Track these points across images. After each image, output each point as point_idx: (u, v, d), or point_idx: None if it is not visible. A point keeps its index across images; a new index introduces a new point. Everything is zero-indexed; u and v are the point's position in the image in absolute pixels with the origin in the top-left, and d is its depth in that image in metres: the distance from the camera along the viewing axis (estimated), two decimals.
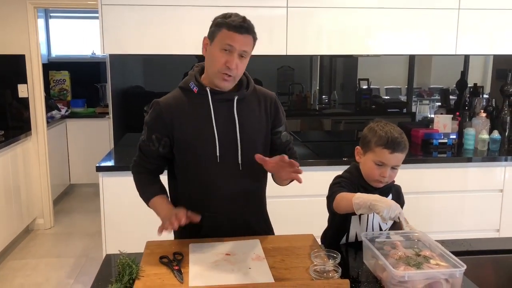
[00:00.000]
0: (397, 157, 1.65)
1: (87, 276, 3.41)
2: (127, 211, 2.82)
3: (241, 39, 1.56)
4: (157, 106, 1.67)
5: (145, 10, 2.96)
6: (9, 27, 3.98)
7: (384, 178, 1.66)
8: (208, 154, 1.65)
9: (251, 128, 1.69)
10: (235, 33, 1.55)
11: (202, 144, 1.65)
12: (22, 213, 4.04)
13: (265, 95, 1.75)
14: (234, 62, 1.57)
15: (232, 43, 1.56)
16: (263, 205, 1.85)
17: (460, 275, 1.32)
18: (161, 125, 1.66)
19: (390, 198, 1.74)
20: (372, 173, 1.68)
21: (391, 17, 3.17)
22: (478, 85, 3.79)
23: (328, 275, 1.37)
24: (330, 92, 3.78)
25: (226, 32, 1.56)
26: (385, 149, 1.64)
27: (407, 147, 1.67)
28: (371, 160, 1.67)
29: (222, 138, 1.65)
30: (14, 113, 4.13)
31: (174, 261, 1.47)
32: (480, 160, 3.15)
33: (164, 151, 1.70)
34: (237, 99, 1.67)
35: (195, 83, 1.67)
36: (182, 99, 1.68)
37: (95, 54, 6.13)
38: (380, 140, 1.65)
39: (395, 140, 1.63)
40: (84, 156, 5.47)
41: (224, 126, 1.66)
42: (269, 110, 1.74)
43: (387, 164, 1.65)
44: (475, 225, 3.16)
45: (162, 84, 3.50)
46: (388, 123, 1.71)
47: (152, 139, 1.68)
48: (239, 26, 1.55)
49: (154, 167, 1.76)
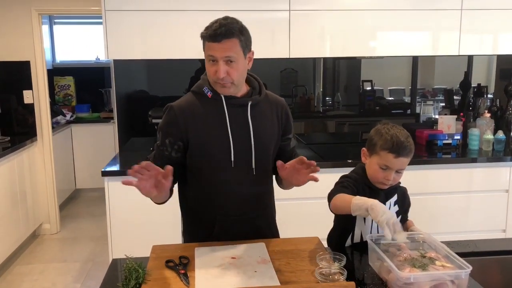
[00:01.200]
0: (401, 161, 1.65)
1: (93, 281, 3.43)
2: (132, 216, 2.83)
3: (219, 47, 1.55)
4: (171, 111, 1.68)
5: (148, 15, 2.98)
6: (14, 34, 4.01)
7: (388, 181, 1.66)
8: (222, 159, 1.66)
9: (264, 133, 1.71)
10: (213, 43, 1.56)
11: (216, 148, 1.66)
12: (29, 218, 4.06)
13: (276, 101, 1.77)
14: (221, 71, 1.57)
15: (212, 53, 1.57)
16: (273, 209, 1.87)
17: (466, 277, 1.32)
18: (175, 129, 1.66)
19: (395, 199, 1.75)
20: (376, 175, 1.68)
21: (393, 18, 3.17)
22: (482, 85, 3.78)
23: (334, 278, 1.37)
24: (334, 94, 3.78)
25: (207, 44, 1.58)
26: (390, 153, 1.63)
27: (412, 151, 1.66)
28: (376, 162, 1.67)
29: (236, 143, 1.66)
30: (19, 119, 4.16)
31: (180, 265, 1.48)
32: (485, 161, 3.14)
33: (176, 156, 1.68)
34: (250, 104, 1.68)
35: (209, 88, 1.67)
36: (195, 104, 1.68)
37: (99, 60, 6.16)
38: (385, 144, 1.64)
39: (400, 145, 1.62)
40: (90, 161, 5.49)
41: (239, 131, 1.66)
42: (280, 116, 1.76)
43: (392, 167, 1.65)
44: (480, 226, 3.15)
45: (166, 88, 3.52)
46: (395, 125, 1.70)
47: (166, 144, 1.68)
48: (214, 35, 1.55)
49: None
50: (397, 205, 1.76)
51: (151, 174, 1.46)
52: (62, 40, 6.20)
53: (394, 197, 1.75)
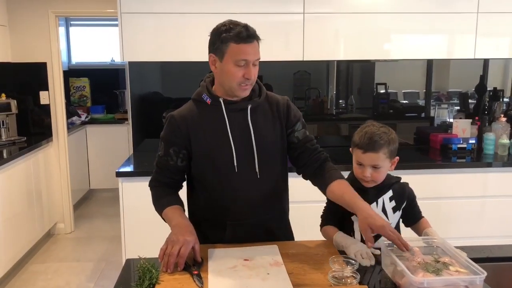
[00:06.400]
0: (370, 157, 1.66)
1: (107, 280, 3.46)
2: (146, 216, 2.83)
3: (251, 49, 1.55)
4: (172, 120, 1.68)
5: (163, 18, 3.01)
6: (31, 35, 4.07)
7: (366, 177, 1.68)
8: (225, 165, 1.65)
9: (266, 135, 1.69)
10: (245, 45, 1.54)
11: (219, 154, 1.65)
12: (44, 217, 4.11)
13: (277, 101, 1.74)
14: (252, 73, 1.57)
15: (245, 57, 1.55)
16: (285, 211, 1.85)
17: (481, 282, 1.31)
18: (178, 138, 1.66)
19: (390, 195, 1.74)
20: (356, 172, 1.73)
21: (408, 21, 3.16)
22: (498, 89, 3.74)
23: (347, 281, 1.37)
24: (347, 97, 3.77)
25: (235, 46, 1.54)
26: (358, 149, 1.69)
27: (383, 146, 1.65)
28: (354, 160, 1.74)
29: (238, 148, 1.65)
30: (36, 119, 4.22)
31: (194, 266, 1.48)
32: (500, 165, 3.10)
33: (183, 165, 1.69)
34: (250, 107, 1.67)
35: (208, 95, 1.66)
36: (196, 111, 1.68)
37: (114, 61, 6.22)
38: (356, 140, 1.70)
39: (368, 140, 1.65)
40: (104, 162, 5.55)
41: (240, 135, 1.65)
42: (281, 115, 1.72)
43: (364, 163, 1.68)
44: (495, 231, 3.11)
45: (179, 90, 3.54)
46: (375, 123, 1.73)
47: (170, 154, 1.68)
48: (247, 37, 1.54)
49: (172, 182, 1.74)
50: (394, 201, 1.75)
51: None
52: (78, 41, 6.27)
53: (388, 193, 1.74)
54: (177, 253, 1.46)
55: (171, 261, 1.46)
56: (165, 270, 1.46)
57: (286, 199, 1.85)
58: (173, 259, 1.46)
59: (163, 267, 1.46)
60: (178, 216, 1.63)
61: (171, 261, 1.46)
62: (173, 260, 1.46)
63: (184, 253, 1.47)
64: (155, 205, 1.73)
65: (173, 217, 1.63)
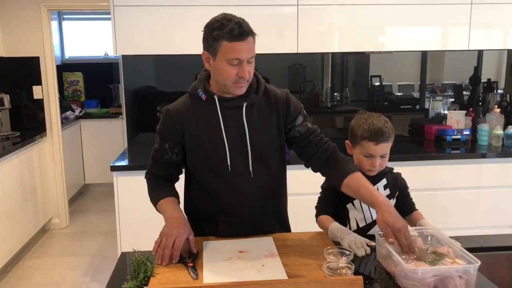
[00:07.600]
0: (382, 147, 1.72)
1: (102, 275, 3.46)
2: (141, 210, 2.83)
3: (244, 47, 1.48)
4: (168, 114, 1.65)
5: (156, 10, 2.99)
6: (23, 30, 4.04)
7: (375, 167, 1.74)
8: (218, 162, 1.63)
9: (261, 134, 1.65)
10: (238, 43, 1.47)
11: (212, 152, 1.63)
12: (38, 213, 4.10)
13: (276, 96, 1.68)
14: (246, 71, 1.51)
15: (238, 56, 1.48)
16: (280, 207, 1.81)
17: (475, 272, 1.31)
18: (173, 133, 1.64)
19: (384, 183, 1.79)
20: (362, 164, 1.75)
21: (402, 13, 3.15)
22: (492, 81, 3.75)
23: (342, 272, 1.37)
24: (342, 90, 3.77)
25: (227, 44, 1.47)
26: (370, 141, 1.71)
27: (391, 135, 1.74)
28: (359, 152, 1.76)
29: (232, 147, 1.62)
30: (29, 114, 4.19)
31: (189, 258, 1.48)
32: (494, 156, 3.12)
33: (178, 159, 1.68)
34: (246, 105, 1.62)
35: (203, 90, 1.62)
36: (191, 106, 1.65)
37: (108, 55, 6.19)
38: (364, 133, 1.72)
39: (378, 132, 1.70)
40: (98, 156, 5.53)
41: (234, 133, 1.62)
42: (280, 111, 1.67)
43: (375, 154, 1.72)
44: (490, 222, 3.13)
45: (174, 84, 3.53)
46: (372, 114, 1.78)
47: (165, 148, 1.66)
48: (239, 34, 1.47)
49: (167, 176, 1.74)
50: (388, 189, 1.80)
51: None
52: (71, 36, 6.23)
53: (382, 181, 1.80)
54: (172, 246, 1.47)
55: (166, 254, 1.46)
56: (160, 262, 1.46)
57: (282, 196, 1.81)
58: (168, 251, 1.46)
59: (158, 260, 1.46)
60: (172, 208, 1.63)
61: (166, 254, 1.46)
62: (168, 253, 1.46)
63: (178, 245, 1.47)
64: (150, 197, 1.73)
65: (166, 209, 1.63)
